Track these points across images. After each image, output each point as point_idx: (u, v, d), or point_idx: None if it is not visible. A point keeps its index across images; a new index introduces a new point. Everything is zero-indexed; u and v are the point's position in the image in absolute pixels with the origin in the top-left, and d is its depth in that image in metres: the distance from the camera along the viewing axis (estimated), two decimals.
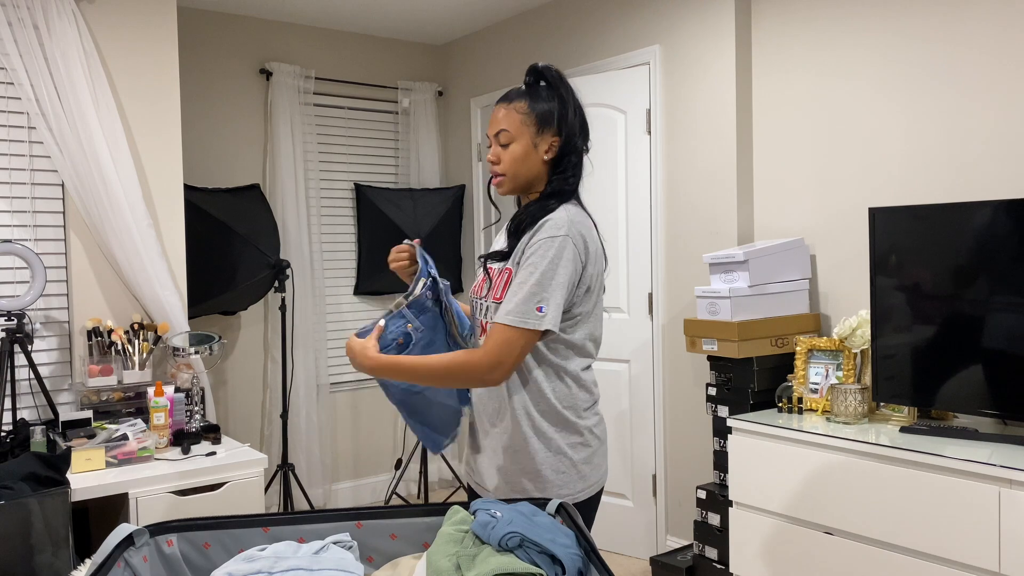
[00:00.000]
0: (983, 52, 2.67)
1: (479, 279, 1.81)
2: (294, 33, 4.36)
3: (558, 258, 1.60)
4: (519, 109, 1.69)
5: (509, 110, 1.70)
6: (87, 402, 2.89)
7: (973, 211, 2.44)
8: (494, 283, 1.71)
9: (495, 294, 1.69)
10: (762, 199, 3.35)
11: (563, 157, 1.72)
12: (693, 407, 3.50)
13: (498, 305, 1.67)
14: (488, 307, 1.72)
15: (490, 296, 1.71)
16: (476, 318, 1.81)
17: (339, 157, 4.52)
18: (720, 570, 3.02)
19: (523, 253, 1.65)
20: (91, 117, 2.96)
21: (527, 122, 1.69)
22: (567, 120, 1.70)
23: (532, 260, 1.61)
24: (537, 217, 1.68)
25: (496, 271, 1.73)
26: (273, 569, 1.26)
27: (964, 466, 2.21)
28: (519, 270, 1.63)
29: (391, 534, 1.47)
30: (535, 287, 1.60)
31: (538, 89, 1.72)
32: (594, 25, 3.88)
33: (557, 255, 1.60)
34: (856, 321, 2.79)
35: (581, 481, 1.74)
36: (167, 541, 1.36)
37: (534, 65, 1.73)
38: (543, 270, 1.60)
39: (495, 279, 1.72)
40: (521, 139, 1.69)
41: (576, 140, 1.72)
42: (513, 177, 1.71)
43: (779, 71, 3.27)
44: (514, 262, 1.67)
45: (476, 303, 1.80)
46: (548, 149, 1.70)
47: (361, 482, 4.62)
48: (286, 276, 3.91)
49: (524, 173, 1.71)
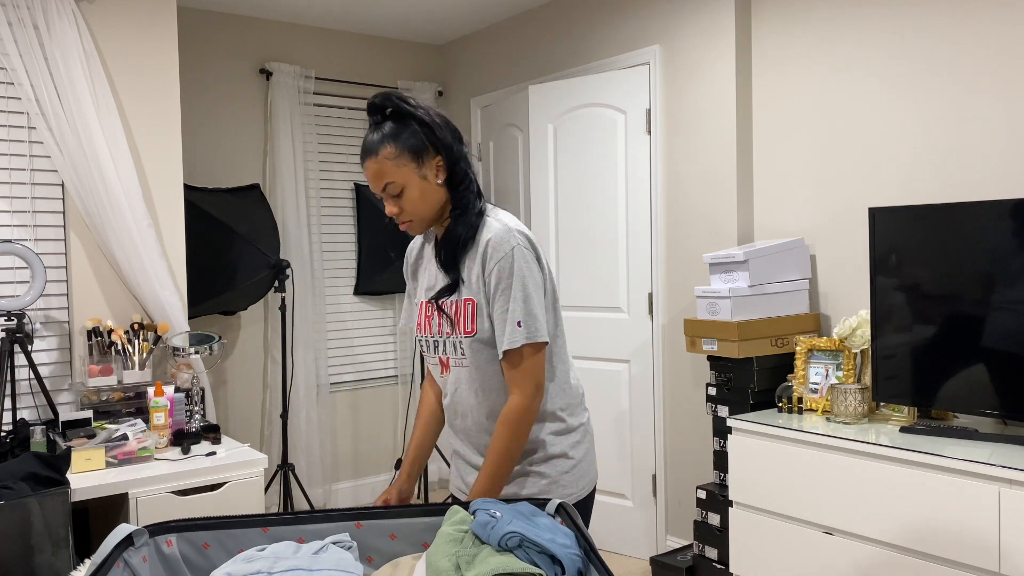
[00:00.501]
0: (983, 51, 2.67)
1: (422, 315, 1.76)
2: (294, 33, 4.36)
3: (521, 270, 1.61)
4: (388, 156, 1.61)
5: (380, 161, 1.61)
6: (87, 402, 2.89)
7: (974, 211, 2.44)
8: (457, 317, 1.68)
9: (464, 328, 1.67)
10: (762, 199, 3.35)
11: (452, 170, 1.67)
12: (693, 407, 3.50)
13: (471, 338, 1.66)
14: (457, 343, 1.69)
15: (457, 331, 1.68)
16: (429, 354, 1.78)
17: (339, 157, 4.52)
18: (720, 570, 3.02)
19: (487, 282, 1.63)
20: (91, 117, 2.96)
21: (403, 162, 1.61)
22: (436, 136, 1.64)
23: (503, 283, 1.61)
24: (468, 240, 1.66)
25: (452, 304, 1.69)
26: (272, 569, 1.26)
27: (964, 466, 2.21)
28: (497, 298, 1.62)
29: (391, 534, 1.47)
30: (521, 304, 1.61)
31: (391, 126, 1.63)
32: (594, 25, 3.88)
33: (519, 268, 1.61)
34: (856, 321, 2.79)
35: (584, 478, 1.77)
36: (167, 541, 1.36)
37: (371, 102, 1.64)
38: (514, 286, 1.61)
39: (457, 313, 1.68)
40: (409, 181, 1.62)
41: (454, 148, 1.67)
42: (422, 219, 1.67)
43: (779, 71, 3.27)
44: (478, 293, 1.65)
45: (427, 340, 1.76)
46: (437, 173, 1.65)
47: (361, 482, 4.62)
48: (286, 276, 3.91)
49: (429, 210, 1.66)
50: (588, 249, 3.79)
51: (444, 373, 1.77)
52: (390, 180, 1.63)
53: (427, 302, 1.75)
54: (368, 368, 4.67)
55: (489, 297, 1.64)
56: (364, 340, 4.65)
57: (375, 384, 4.69)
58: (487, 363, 1.70)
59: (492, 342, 1.67)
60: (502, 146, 4.34)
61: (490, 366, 1.70)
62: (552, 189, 3.90)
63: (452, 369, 1.74)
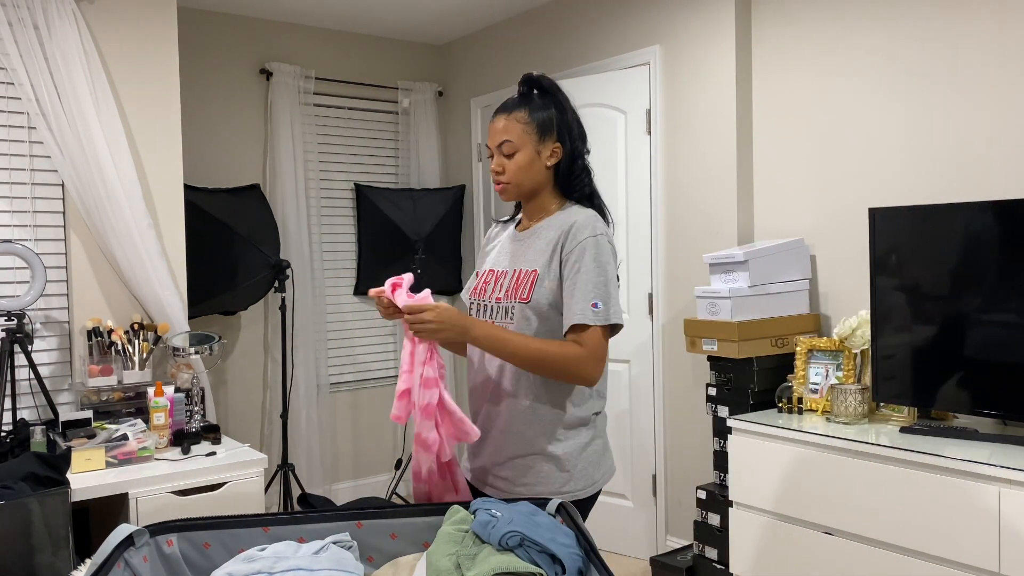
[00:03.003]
0: (983, 52, 2.67)
1: (481, 282, 1.84)
2: (294, 33, 4.36)
3: (604, 255, 1.67)
4: (519, 119, 1.72)
5: (510, 120, 1.72)
6: (87, 402, 2.89)
7: (973, 211, 2.44)
8: (514, 284, 1.74)
9: (520, 294, 1.72)
10: (762, 199, 3.35)
11: (572, 164, 1.76)
12: (693, 407, 3.50)
13: (524, 304, 1.70)
14: (509, 307, 1.74)
15: (511, 297, 1.74)
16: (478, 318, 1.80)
17: (339, 157, 4.52)
18: (720, 570, 3.02)
19: (564, 260, 1.69)
20: (91, 117, 2.95)
21: (528, 131, 1.72)
22: (567, 126, 1.74)
23: (583, 262, 1.66)
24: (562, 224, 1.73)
25: (515, 272, 1.76)
26: (273, 569, 1.26)
27: (964, 466, 2.21)
28: (572, 275, 1.66)
29: (391, 534, 1.47)
30: (602, 287, 1.65)
31: (534, 98, 1.75)
32: (594, 25, 3.88)
33: (602, 253, 1.67)
34: (856, 321, 2.79)
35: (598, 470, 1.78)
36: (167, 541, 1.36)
37: (528, 74, 1.76)
38: (591, 267, 1.65)
39: (518, 281, 1.74)
40: (525, 148, 1.72)
41: (578, 145, 1.77)
42: (518, 185, 1.75)
43: (779, 71, 3.27)
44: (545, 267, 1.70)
45: (479, 303, 1.82)
46: (551, 155, 1.74)
47: (361, 482, 4.62)
48: (286, 276, 3.91)
49: (528, 181, 1.75)
50: None
51: None
52: (509, 138, 1.72)
53: (490, 270, 1.84)
54: (368, 368, 4.67)
55: (559, 272, 1.69)
56: (364, 340, 4.65)
57: (375, 384, 4.69)
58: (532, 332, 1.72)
59: (544, 314, 1.70)
60: None
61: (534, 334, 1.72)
62: None
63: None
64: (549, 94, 1.75)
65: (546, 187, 1.78)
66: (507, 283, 1.76)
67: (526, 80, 1.76)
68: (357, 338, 4.62)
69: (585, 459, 1.74)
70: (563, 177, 1.77)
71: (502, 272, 1.80)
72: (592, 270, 1.65)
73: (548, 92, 1.75)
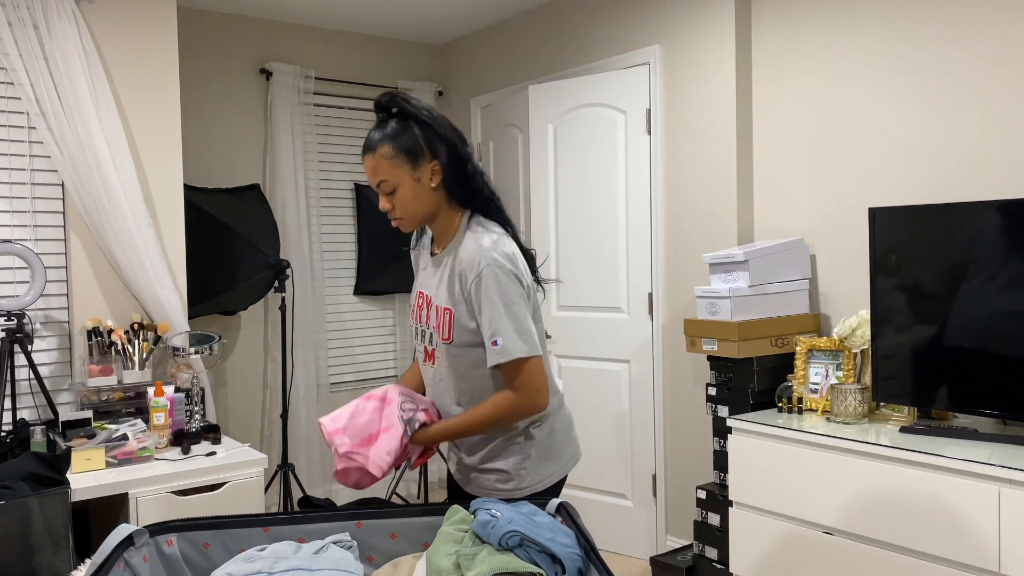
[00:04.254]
0: (983, 52, 2.67)
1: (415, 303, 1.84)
2: (294, 33, 4.36)
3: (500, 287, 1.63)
4: (385, 155, 1.64)
5: (376, 159, 1.65)
6: (87, 402, 2.89)
7: (973, 211, 2.44)
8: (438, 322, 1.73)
9: (442, 335, 1.71)
10: (762, 199, 3.35)
11: (461, 173, 1.69)
12: (693, 407, 3.50)
13: (447, 345, 1.71)
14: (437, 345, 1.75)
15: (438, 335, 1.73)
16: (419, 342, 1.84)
17: (339, 157, 4.52)
18: (720, 570, 3.02)
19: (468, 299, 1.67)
20: (91, 117, 2.95)
21: (397, 163, 1.64)
22: (437, 139, 1.67)
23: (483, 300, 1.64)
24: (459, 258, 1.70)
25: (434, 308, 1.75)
26: (273, 569, 1.26)
27: (964, 466, 2.21)
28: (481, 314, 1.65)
29: (391, 534, 1.47)
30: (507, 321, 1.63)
31: (392, 124, 1.66)
32: (594, 25, 3.88)
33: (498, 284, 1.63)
34: (856, 321, 2.79)
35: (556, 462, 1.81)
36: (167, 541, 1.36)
37: (377, 100, 1.67)
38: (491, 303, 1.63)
39: (438, 317, 1.73)
40: (402, 182, 1.65)
41: (459, 151, 1.69)
42: (412, 217, 1.70)
43: (779, 71, 3.27)
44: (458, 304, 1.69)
45: (418, 328, 1.83)
46: (432, 176, 1.68)
47: None
48: (286, 276, 3.91)
49: (420, 210, 1.70)
50: (588, 249, 3.79)
51: (427, 362, 1.81)
52: (384, 178, 1.66)
53: (420, 292, 1.82)
54: (368, 368, 4.67)
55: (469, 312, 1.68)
56: (364, 340, 4.65)
57: (375, 384, 4.68)
58: (466, 368, 1.73)
59: (470, 350, 1.70)
60: (502, 146, 4.34)
61: (470, 371, 1.73)
62: (552, 189, 3.90)
63: (437, 360, 1.78)
64: (403, 115, 1.66)
65: (442, 206, 1.72)
66: (433, 315, 1.75)
67: (378, 107, 1.68)
68: (357, 338, 4.62)
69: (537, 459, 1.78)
70: (457, 189, 1.70)
71: (428, 298, 1.78)
72: (486, 306, 1.63)
73: (404, 113, 1.66)
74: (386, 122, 1.67)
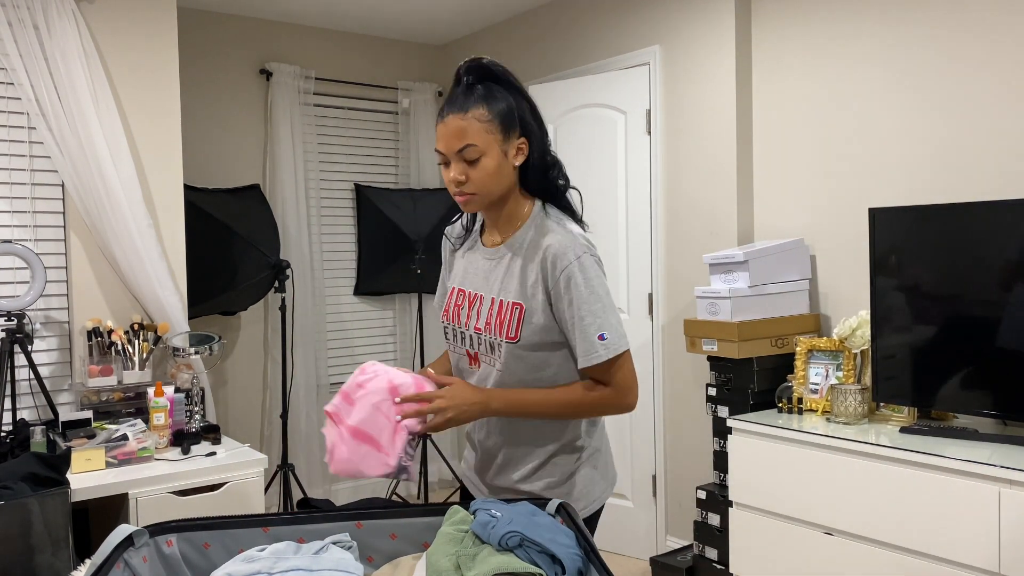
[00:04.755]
0: (983, 52, 2.67)
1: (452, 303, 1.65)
2: (294, 33, 4.36)
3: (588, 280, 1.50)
4: (479, 117, 1.46)
5: (467, 120, 1.46)
6: (87, 402, 2.88)
7: (974, 211, 2.44)
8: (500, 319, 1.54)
9: (507, 332, 1.53)
10: (762, 199, 3.35)
11: (543, 159, 1.55)
12: (693, 407, 3.50)
13: (513, 344, 1.53)
14: (496, 344, 1.55)
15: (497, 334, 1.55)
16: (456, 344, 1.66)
17: (339, 157, 4.52)
18: (720, 570, 3.02)
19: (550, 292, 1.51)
20: (91, 117, 2.95)
21: (491, 129, 1.47)
22: (531, 115, 1.53)
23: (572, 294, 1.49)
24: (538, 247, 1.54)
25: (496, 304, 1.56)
26: (272, 569, 1.26)
27: (964, 466, 2.21)
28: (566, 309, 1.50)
29: (391, 534, 1.47)
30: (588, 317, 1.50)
31: (488, 88, 1.50)
32: (594, 25, 3.88)
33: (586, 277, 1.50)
34: (856, 321, 2.79)
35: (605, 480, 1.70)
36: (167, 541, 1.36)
37: (476, 62, 1.50)
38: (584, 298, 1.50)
39: (501, 314, 1.54)
40: (491, 151, 1.48)
41: (546, 135, 1.57)
42: (488, 194, 1.51)
43: (779, 71, 3.27)
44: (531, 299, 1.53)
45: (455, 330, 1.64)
46: (517, 153, 1.52)
47: (361, 482, 4.62)
48: (286, 276, 3.91)
49: (498, 188, 1.52)
50: None
51: (472, 366, 1.64)
52: (472, 143, 1.47)
53: (460, 290, 1.64)
54: None
55: (548, 307, 1.52)
56: (364, 340, 4.65)
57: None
58: (526, 372, 1.56)
59: (535, 350, 1.54)
60: None
61: (529, 375, 1.56)
62: None
63: (482, 366, 1.61)
64: (503, 81, 1.50)
65: (513, 190, 1.55)
66: (487, 313, 1.56)
67: (474, 68, 1.49)
68: (357, 338, 4.62)
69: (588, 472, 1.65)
70: (534, 176, 1.55)
71: (476, 296, 1.59)
72: (587, 299, 1.48)
73: (502, 79, 1.50)
74: (473, 87, 1.49)
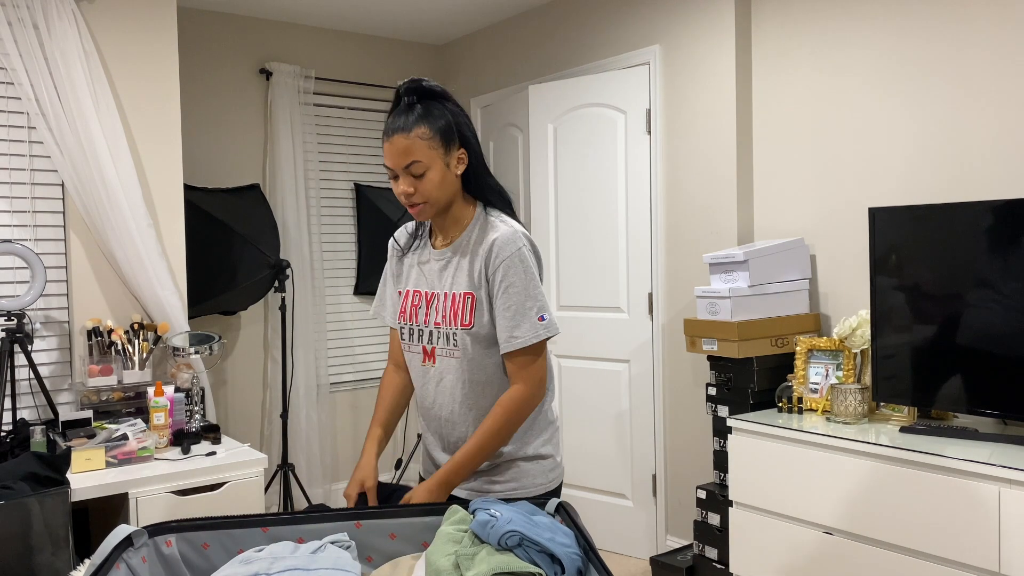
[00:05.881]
0: (984, 52, 2.67)
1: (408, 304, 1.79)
2: (294, 33, 4.36)
3: (529, 271, 1.66)
4: (422, 135, 1.63)
5: (411, 139, 1.62)
6: (87, 402, 2.89)
7: (973, 211, 2.44)
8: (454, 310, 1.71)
9: (461, 320, 1.69)
10: (762, 199, 3.35)
11: (479, 167, 1.72)
12: (693, 407, 3.50)
13: (467, 331, 1.68)
14: (450, 334, 1.71)
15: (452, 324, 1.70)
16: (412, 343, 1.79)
17: (339, 157, 4.52)
18: (720, 570, 3.02)
19: (491, 280, 1.67)
20: (91, 117, 2.96)
21: (433, 145, 1.64)
22: (466, 128, 1.69)
23: (510, 280, 1.65)
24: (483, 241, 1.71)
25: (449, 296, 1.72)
26: (270, 570, 1.26)
27: (964, 466, 2.20)
28: (501, 295, 1.66)
29: (390, 534, 1.47)
30: (528, 301, 1.65)
31: (427, 107, 1.65)
32: (594, 25, 3.88)
33: (527, 268, 1.66)
34: (856, 321, 2.79)
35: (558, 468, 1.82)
36: (166, 542, 1.36)
37: (415, 81, 1.66)
38: (524, 284, 1.65)
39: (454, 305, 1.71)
40: (434, 164, 1.64)
41: (479, 143, 1.73)
42: (435, 203, 1.68)
43: (779, 71, 3.27)
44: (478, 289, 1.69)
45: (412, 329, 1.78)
46: (458, 163, 1.69)
47: None
48: (286, 276, 3.91)
49: (444, 196, 1.69)
50: (588, 249, 3.79)
51: (427, 362, 1.77)
52: (417, 159, 1.63)
53: (416, 291, 1.79)
54: (368, 368, 4.67)
55: (490, 294, 1.68)
56: (364, 340, 4.65)
57: (375, 384, 4.69)
58: (481, 356, 1.71)
59: (487, 337, 1.69)
60: (502, 146, 4.34)
61: (483, 359, 1.71)
62: (552, 189, 3.90)
63: (439, 359, 1.75)
64: (440, 99, 1.67)
65: (457, 196, 1.73)
66: (442, 307, 1.72)
67: (413, 90, 1.66)
68: (357, 338, 4.62)
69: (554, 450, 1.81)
70: (475, 181, 1.73)
71: (431, 295, 1.75)
72: (528, 284, 1.65)
73: (439, 97, 1.67)
74: (413, 106, 1.65)
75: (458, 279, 1.71)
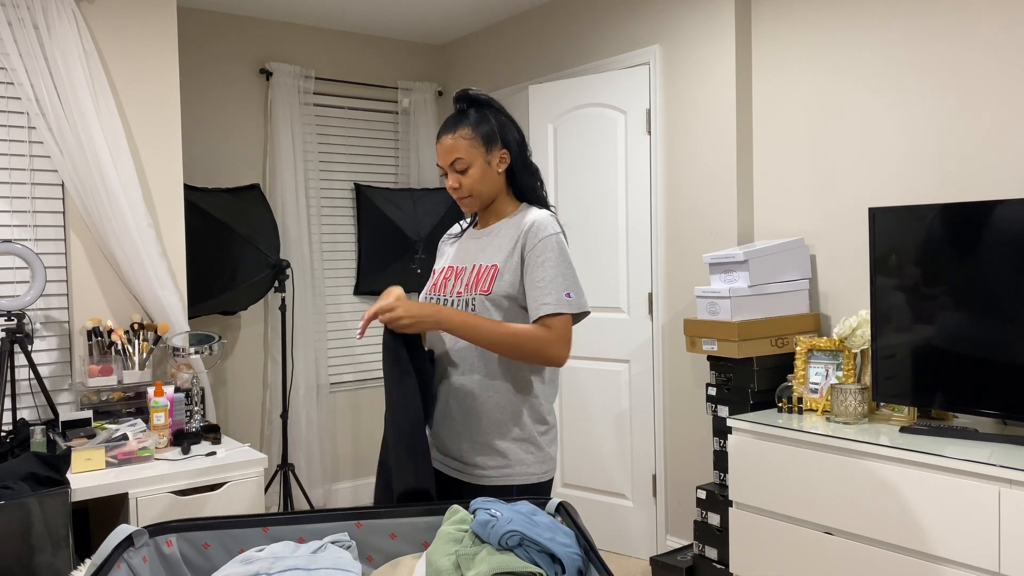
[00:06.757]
0: (984, 52, 2.67)
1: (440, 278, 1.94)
2: (294, 33, 4.36)
3: (564, 251, 1.80)
4: (464, 136, 1.83)
5: (456, 139, 1.83)
6: (87, 402, 2.89)
7: (973, 211, 2.44)
8: (474, 278, 1.84)
9: (480, 287, 1.82)
10: (762, 199, 3.35)
11: (523, 166, 1.89)
12: (693, 407, 3.50)
13: (484, 296, 1.80)
14: (469, 299, 1.83)
15: (472, 290, 1.83)
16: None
17: (339, 157, 4.52)
18: (720, 570, 3.02)
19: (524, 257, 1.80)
20: (91, 117, 2.96)
21: (475, 145, 1.83)
22: (509, 132, 1.87)
23: (546, 255, 1.78)
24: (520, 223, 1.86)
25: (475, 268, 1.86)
26: (271, 570, 1.26)
27: (964, 466, 2.21)
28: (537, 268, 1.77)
29: (391, 534, 1.47)
30: (559, 277, 1.77)
31: (472, 112, 1.86)
32: (594, 25, 3.88)
33: (561, 248, 1.80)
34: (856, 321, 2.79)
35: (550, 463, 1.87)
36: (167, 541, 1.36)
37: (464, 91, 1.87)
38: (558, 261, 1.78)
39: (477, 275, 1.84)
40: (475, 161, 1.84)
41: (525, 148, 1.90)
42: (478, 195, 1.87)
43: (779, 71, 3.27)
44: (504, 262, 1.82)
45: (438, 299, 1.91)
46: (500, 162, 1.87)
47: (361, 482, 4.62)
48: (286, 276, 3.91)
49: (486, 189, 1.87)
50: (588, 249, 3.79)
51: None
52: (459, 156, 1.83)
53: (450, 267, 1.95)
54: (368, 368, 4.67)
55: (519, 267, 1.80)
56: (364, 340, 4.65)
57: (375, 384, 4.69)
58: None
59: (502, 306, 1.80)
60: None
61: None
62: (552, 189, 3.90)
63: None
64: (485, 106, 1.87)
65: (502, 191, 1.91)
66: (467, 278, 1.86)
67: (462, 97, 1.87)
68: (357, 338, 4.61)
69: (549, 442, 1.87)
70: (517, 179, 1.90)
71: (461, 268, 1.90)
72: (560, 264, 1.78)
73: (484, 104, 1.87)
74: (466, 112, 1.86)
75: (488, 252, 1.86)
